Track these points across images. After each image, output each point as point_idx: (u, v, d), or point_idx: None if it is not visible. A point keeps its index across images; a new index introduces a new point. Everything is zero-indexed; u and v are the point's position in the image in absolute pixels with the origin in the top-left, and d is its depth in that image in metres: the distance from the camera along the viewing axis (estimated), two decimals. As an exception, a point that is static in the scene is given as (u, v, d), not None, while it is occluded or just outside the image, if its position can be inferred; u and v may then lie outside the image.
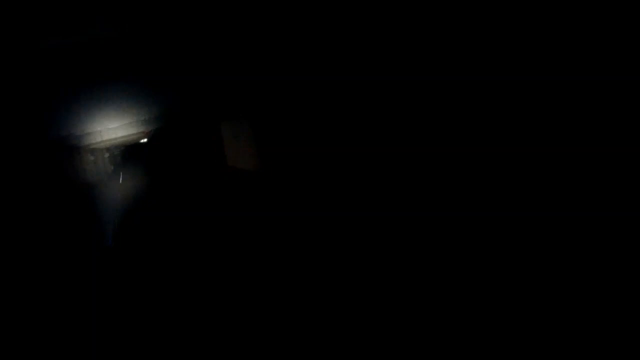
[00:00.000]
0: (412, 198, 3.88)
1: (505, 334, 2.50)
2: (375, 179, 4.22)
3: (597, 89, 2.68)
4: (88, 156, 5.13)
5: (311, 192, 5.27)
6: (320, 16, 4.22)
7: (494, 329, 2.58)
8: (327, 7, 4.12)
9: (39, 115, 4.39)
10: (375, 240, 4.26)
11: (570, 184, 2.91)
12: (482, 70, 3.27)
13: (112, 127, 4.77)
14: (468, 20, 3.27)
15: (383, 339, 2.70)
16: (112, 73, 4.74)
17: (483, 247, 3.46)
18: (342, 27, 4.06)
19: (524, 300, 2.78)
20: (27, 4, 3.25)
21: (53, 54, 4.26)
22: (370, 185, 4.32)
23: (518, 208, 3.24)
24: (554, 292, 2.79)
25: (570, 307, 2.62)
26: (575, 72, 2.76)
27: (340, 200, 4.79)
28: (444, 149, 3.56)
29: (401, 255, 3.83)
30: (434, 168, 3.65)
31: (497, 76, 3.19)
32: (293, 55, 4.83)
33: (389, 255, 3.91)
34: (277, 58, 5.15)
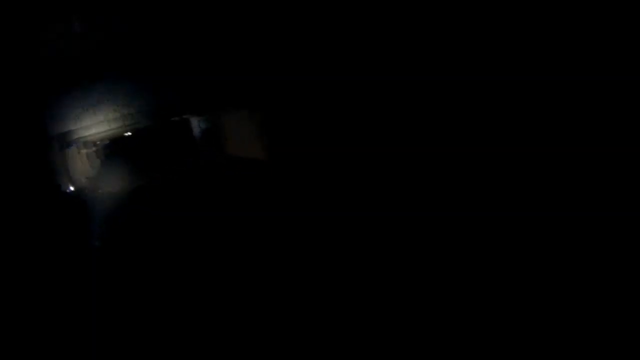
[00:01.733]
0: (410, 198, 3.88)
1: (506, 334, 2.50)
2: (376, 179, 4.22)
3: (597, 89, 2.68)
4: (78, 150, 5.10)
5: (311, 192, 5.27)
6: (322, 16, 4.22)
7: (494, 329, 2.58)
8: (329, 8, 4.11)
9: (29, 112, 4.37)
10: (375, 241, 4.25)
11: (570, 184, 2.91)
12: (482, 70, 3.27)
13: (100, 121, 4.77)
14: (468, 20, 3.27)
15: (383, 338, 2.70)
16: (101, 68, 4.73)
17: (483, 247, 3.46)
18: (344, 27, 4.05)
19: (524, 301, 2.78)
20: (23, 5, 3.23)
21: (44, 54, 4.25)
22: (371, 185, 4.32)
23: (518, 208, 3.24)
24: (554, 293, 2.79)
25: (570, 307, 2.62)
26: (575, 72, 2.77)
27: (340, 200, 4.79)
28: (444, 149, 3.56)
29: (400, 256, 3.83)
30: (434, 168, 3.65)
31: (497, 76, 3.19)
32: (292, 55, 4.82)
33: (388, 255, 3.91)
34: (276, 57, 5.14)
